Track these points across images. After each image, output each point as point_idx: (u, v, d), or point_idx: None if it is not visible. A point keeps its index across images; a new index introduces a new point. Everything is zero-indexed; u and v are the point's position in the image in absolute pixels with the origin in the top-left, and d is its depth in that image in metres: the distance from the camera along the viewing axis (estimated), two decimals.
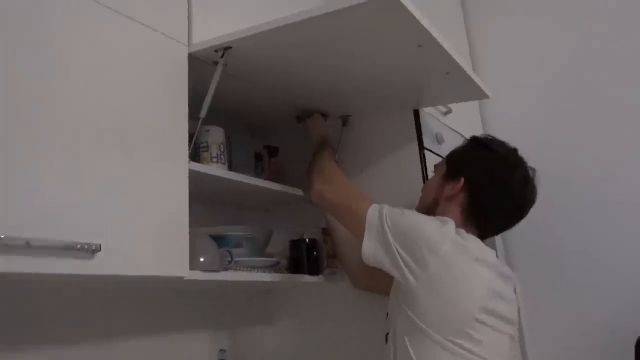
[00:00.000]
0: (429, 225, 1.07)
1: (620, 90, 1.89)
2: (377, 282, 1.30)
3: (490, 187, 1.16)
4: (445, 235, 1.04)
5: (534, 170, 1.19)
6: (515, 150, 1.21)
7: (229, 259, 1.18)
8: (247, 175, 1.29)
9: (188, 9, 1.12)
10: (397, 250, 1.04)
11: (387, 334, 1.16)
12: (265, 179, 1.47)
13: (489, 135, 1.27)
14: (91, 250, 0.81)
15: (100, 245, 0.82)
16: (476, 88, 1.35)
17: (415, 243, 1.04)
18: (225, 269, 1.14)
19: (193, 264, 1.06)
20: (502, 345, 1.08)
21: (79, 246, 0.79)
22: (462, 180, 1.16)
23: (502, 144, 1.22)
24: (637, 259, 1.77)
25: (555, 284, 1.89)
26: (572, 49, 2.01)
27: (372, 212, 1.11)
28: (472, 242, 1.09)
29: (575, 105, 1.95)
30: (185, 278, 1.01)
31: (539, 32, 2.08)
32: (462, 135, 1.54)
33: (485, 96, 1.43)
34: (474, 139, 1.27)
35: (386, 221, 1.07)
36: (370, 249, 1.08)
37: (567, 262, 1.88)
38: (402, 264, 1.03)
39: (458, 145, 1.29)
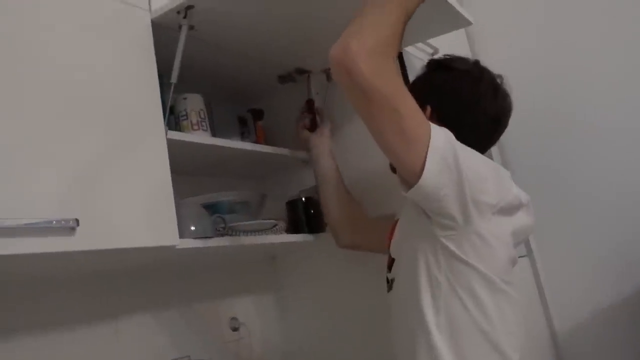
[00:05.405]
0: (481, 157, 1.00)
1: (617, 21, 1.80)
2: (362, 239, 1.29)
3: (460, 107, 1.07)
4: (497, 167, 1.02)
5: (501, 77, 1.10)
6: (477, 63, 1.12)
7: (222, 225, 1.16)
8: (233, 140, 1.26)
9: None
10: (468, 180, 0.89)
11: (392, 280, 1.08)
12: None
13: (447, 55, 1.15)
14: (68, 227, 0.79)
15: (77, 221, 0.80)
16: (455, 15, 1.29)
17: (485, 172, 0.95)
18: (219, 236, 1.12)
19: (185, 234, 1.05)
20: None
21: (54, 223, 0.78)
22: (429, 108, 1.05)
23: (462, 59, 1.12)
24: None
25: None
26: None
27: (437, 131, 0.90)
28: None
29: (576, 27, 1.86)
30: (177, 247, 0.99)
31: None
32: None
33: (468, 23, 1.36)
34: (432, 62, 1.16)
35: (455, 146, 0.90)
36: (435, 171, 0.87)
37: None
38: (468, 198, 0.90)
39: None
